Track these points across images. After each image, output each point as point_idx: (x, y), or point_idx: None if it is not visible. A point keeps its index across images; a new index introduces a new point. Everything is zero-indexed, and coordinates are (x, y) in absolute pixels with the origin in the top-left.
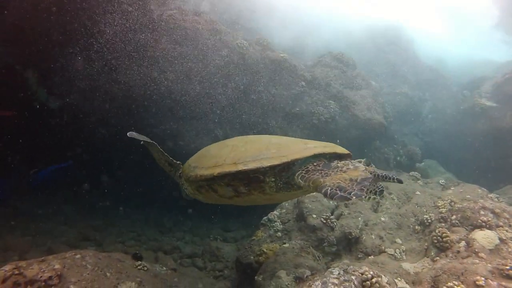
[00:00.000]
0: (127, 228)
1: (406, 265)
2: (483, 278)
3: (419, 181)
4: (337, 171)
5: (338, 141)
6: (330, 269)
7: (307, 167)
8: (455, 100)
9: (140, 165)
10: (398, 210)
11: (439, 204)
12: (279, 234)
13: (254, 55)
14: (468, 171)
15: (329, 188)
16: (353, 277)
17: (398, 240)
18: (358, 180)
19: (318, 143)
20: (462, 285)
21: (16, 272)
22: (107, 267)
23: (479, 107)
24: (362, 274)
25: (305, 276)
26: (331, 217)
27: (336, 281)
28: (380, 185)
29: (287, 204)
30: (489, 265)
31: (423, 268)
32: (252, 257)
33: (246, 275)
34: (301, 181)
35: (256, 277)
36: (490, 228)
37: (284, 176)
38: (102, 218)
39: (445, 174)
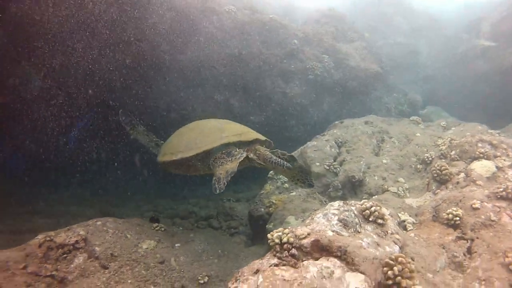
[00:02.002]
0: (144, 202)
1: (409, 200)
2: (479, 202)
3: (420, 125)
4: (227, 161)
5: (336, 94)
6: (330, 203)
7: (217, 155)
8: (453, 44)
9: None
10: (399, 152)
11: (439, 143)
12: (286, 185)
13: (244, 19)
14: (472, 115)
15: (214, 178)
16: (353, 208)
17: (401, 179)
18: (229, 173)
19: (233, 132)
20: (460, 210)
21: (48, 239)
22: (127, 230)
23: (479, 48)
24: (361, 204)
25: None
26: (334, 163)
27: (336, 211)
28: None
29: None
30: (486, 191)
31: (425, 201)
32: (262, 209)
33: (259, 227)
34: (211, 167)
35: (267, 225)
36: (488, 158)
37: (207, 160)
38: (119, 196)
39: (448, 118)
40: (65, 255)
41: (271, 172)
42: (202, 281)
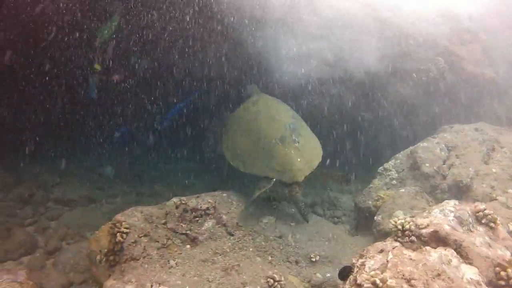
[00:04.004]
0: None
1: None
2: None
3: None
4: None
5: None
6: (446, 201)
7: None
8: None
9: None
10: (510, 163)
11: None
12: (394, 182)
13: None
14: None
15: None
16: (467, 208)
17: (510, 191)
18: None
19: (304, 161)
20: None
21: (183, 202)
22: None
23: None
24: (475, 206)
25: None
26: (443, 166)
27: (452, 208)
28: None
29: (400, 155)
30: None
31: None
32: (370, 202)
33: (364, 218)
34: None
35: (375, 217)
36: None
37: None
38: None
39: None
40: (197, 218)
41: (380, 168)
42: (314, 259)
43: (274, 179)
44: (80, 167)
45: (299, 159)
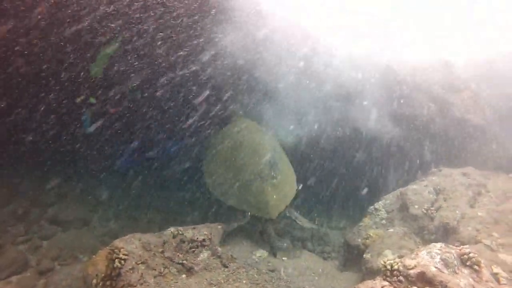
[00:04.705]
0: None
1: (503, 256)
2: None
3: None
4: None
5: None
6: (433, 243)
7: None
8: None
9: None
10: (495, 207)
11: None
12: (384, 221)
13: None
14: None
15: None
16: (453, 251)
17: (495, 234)
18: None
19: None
20: None
21: (180, 232)
22: (243, 237)
23: None
24: (460, 249)
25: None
26: (431, 208)
27: (438, 251)
28: None
29: (390, 195)
30: None
31: None
32: (359, 240)
33: (353, 255)
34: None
35: (364, 255)
36: None
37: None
38: None
39: None
40: (193, 249)
41: (371, 207)
42: None
43: (249, 213)
44: (75, 188)
45: (274, 196)
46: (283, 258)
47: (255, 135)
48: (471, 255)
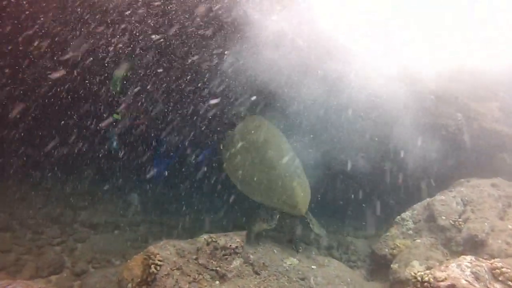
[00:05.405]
0: None
1: None
2: None
3: None
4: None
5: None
6: (462, 256)
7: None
8: None
9: None
10: None
11: None
12: (411, 232)
13: None
14: None
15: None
16: (484, 264)
17: None
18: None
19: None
20: None
21: (213, 240)
22: (273, 245)
23: None
24: (492, 263)
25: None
26: (459, 219)
27: (469, 264)
28: None
29: (417, 206)
30: None
31: None
32: (386, 250)
33: (380, 265)
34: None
35: (392, 265)
36: None
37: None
38: None
39: None
40: (226, 256)
41: (397, 217)
42: None
43: (277, 215)
44: (106, 192)
45: (302, 194)
46: (312, 267)
47: (276, 136)
48: (503, 269)
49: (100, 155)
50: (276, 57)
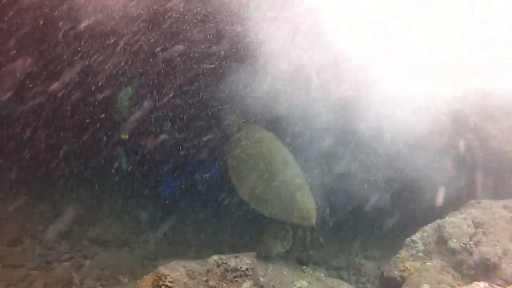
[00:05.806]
0: None
1: None
2: None
3: None
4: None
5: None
6: (476, 282)
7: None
8: None
9: None
10: None
11: None
12: (421, 254)
13: None
14: None
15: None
16: None
17: None
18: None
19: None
20: None
21: (224, 261)
22: (283, 267)
23: None
24: None
25: None
26: (470, 242)
27: None
28: None
29: (427, 227)
30: None
31: None
32: (396, 272)
33: (390, 287)
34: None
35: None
36: None
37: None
38: None
39: None
40: (236, 279)
41: (407, 239)
42: None
43: (290, 230)
44: (115, 208)
45: (311, 205)
46: None
47: (277, 145)
48: None
49: (110, 172)
50: None
